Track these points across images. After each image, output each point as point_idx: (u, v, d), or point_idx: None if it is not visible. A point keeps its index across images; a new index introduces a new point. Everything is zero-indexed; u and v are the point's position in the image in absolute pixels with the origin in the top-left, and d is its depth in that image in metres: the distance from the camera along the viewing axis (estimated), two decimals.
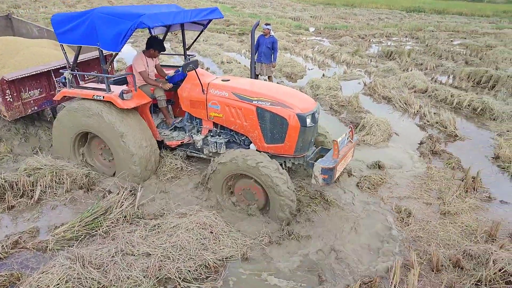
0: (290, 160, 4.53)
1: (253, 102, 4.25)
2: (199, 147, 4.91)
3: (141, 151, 4.58)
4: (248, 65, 11.39)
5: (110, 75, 4.60)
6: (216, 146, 4.70)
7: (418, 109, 7.98)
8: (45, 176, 4.51)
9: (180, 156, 5.14)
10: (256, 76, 8.79)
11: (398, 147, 6.28)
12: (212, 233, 3.73)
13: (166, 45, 4.79)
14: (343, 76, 10.91)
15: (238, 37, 17.45)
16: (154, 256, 3.38)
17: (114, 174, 4.89)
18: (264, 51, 8.34)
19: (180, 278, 3.25)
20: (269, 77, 8.79)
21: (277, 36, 16.09)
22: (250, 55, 4.85)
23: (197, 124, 4.98)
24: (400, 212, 4.34)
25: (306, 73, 11.36)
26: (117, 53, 4.27)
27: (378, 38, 19.09)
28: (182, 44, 5.73)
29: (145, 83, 4.94)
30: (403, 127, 7.17)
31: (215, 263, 3.45)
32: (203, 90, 4.54)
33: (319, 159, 4.09)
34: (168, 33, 5.66)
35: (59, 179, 4.55)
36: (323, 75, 10.82)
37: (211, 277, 3.34)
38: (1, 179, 4.29)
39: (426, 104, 8.28)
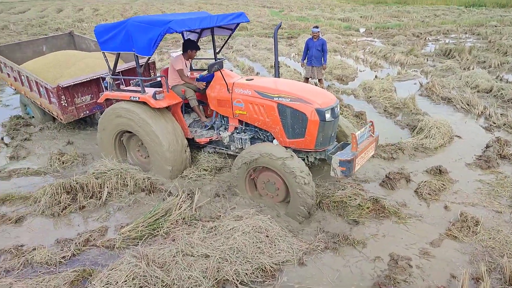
0: (312, 155, 4.60)
1: (274, 99, 4.40)
2: (226, 144, 5.14)
3: (172, 147, 4.86)
4: (298, 69, 11.36)
5: (144, 78, 5.03)
6: (241, 142, 4.90)
7: (483, 110, 7.45)
8: (111, 178, 4.82)
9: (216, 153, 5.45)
10: (306, 80, 8.78)
11: (461, 150, 5.91)
12: (268, 237, 3.75)
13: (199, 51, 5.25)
14: (397, 77, 10.50)
15: (286, 40, 17.46)
16: (212, 258, 3.47)
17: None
18: (314, 54, 8.29)
19: (237, 280, 3.31)
20: (319, 80, 8.70)
21: (326, 38, 15.88)
22: (274, 57, 5.02)
23: (224, 122, 5.21)
24: (466, 220, 4.07)
25: (357, 75, 11.09)
26: (149, 57, 4.59)
27: (435, 35, 18.13)
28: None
29: (177, 84, 5.30)
30: (466, 129, 6.73)
31: (272, 267, 3.47)
32: (228, 90, 4.76)
33: (338, 152, 4.15)
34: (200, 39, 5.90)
35: (123, 182, 4.84)
36: (375, 76, 10.50)
37: (267, 282, 3.36)
38: (74, 181, 4.66)
39: (492, 105, 7.72)
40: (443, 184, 4.86)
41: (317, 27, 8.35)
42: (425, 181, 4.88)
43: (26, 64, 7.29)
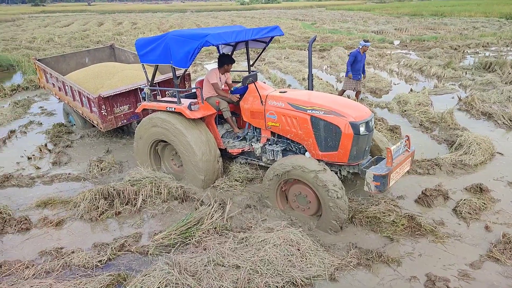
0: (345, 168, 4.54)
1: (307, 111, 4.40)
2: (258, 155, 5.18)
3: (206, 157, 4.94)
4: (330, 81, 11.31)
5: (181, 89, 5.14)
6: (273, 154, 4.91)
7: None
8: (146, 186, 4.96)
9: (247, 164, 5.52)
10: (342, 92, 8.80)
11: (503, 168, 5.63)
12: (299, 250, 3.71)
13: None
14: (433, 91, 10.20)
15: (319, 53, 17.44)
16: (243, 269, 3.47)
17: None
18: (361, 68, 8.34)
19: None
20: (358, 92, 8.76)
21: None
22: (308, 69, 5.06)
23: (257, 134, 5.26)
24: (509, 242, 3.85)
25: (391, 88, 10.88)
26: (186, 70, 4.72)
27: (474, 48, 17.53)
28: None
29: (211, 96, 5.41)
30: (508, 146, 6.42)
31: (302, 281, 3.42)
32: (261, 102, 4.81)
33: (372, 167, 4.07)
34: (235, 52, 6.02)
35: (157, 189, 4.96)
36: (411, 89, 10.26)
37: None
38: (111, 187, 4.83)
39: None
40: (484, 203, 4.64)
41: (367, 41, 8.35)
42: (464, 199, 4.68)
43: (70, 75, 7.72)
